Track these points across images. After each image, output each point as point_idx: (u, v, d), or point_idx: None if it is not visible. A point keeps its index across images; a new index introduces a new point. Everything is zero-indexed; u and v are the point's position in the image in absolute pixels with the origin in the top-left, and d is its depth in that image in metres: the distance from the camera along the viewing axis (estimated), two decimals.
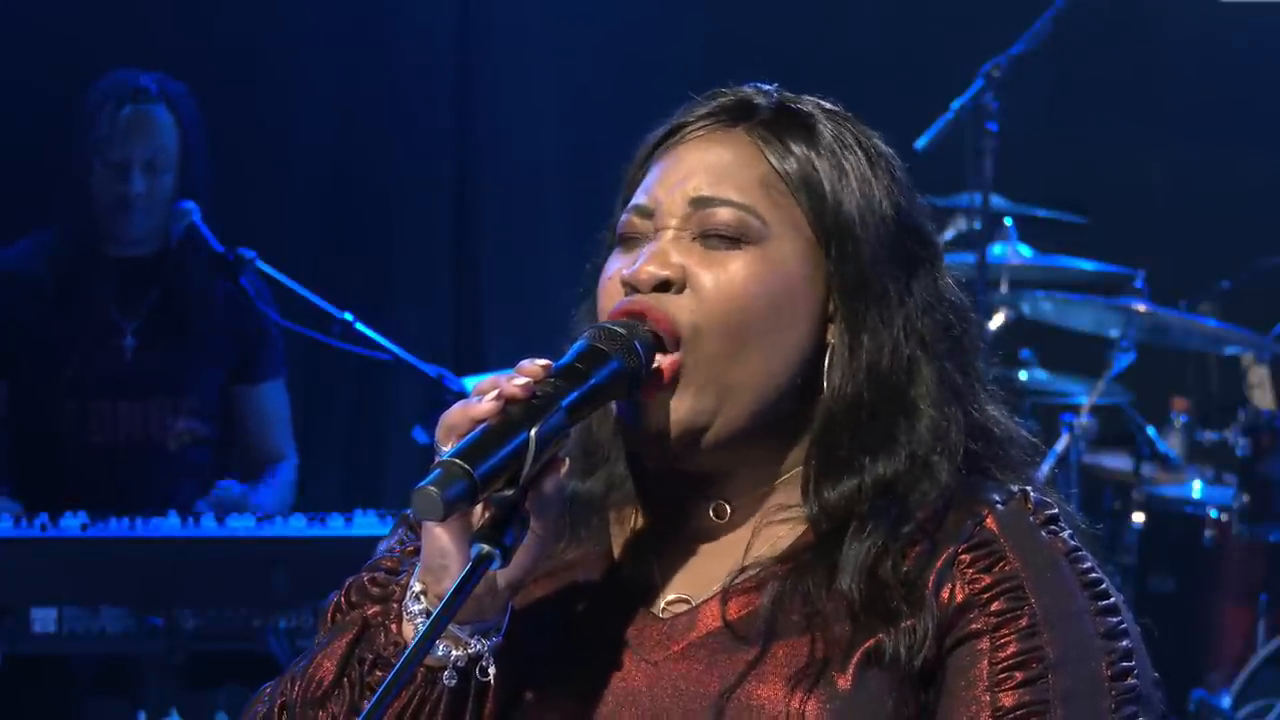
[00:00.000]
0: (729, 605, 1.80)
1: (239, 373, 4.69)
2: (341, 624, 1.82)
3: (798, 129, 1.85)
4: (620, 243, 1.86)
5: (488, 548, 1.65)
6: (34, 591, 4.08)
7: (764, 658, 1.76)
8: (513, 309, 6.16)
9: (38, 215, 4.73)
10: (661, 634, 1.81)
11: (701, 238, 1.82)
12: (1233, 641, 5.57)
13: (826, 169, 1.83)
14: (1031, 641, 1.74)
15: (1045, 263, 5.67)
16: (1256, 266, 6.02)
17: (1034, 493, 1.82)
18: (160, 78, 4.66)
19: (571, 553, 1.87)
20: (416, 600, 1.73)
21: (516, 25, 6.25)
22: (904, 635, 1.73)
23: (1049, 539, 1.79)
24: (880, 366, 1.81)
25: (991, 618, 1.75)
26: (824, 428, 1.81)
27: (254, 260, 4.36)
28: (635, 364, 1.77)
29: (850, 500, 1.79)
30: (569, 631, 1.83)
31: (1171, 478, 5.69)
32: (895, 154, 1.89)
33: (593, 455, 1.89)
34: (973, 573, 1.76)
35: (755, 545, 1.83)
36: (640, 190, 1.86)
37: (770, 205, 1.82)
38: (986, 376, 1.89)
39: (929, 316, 1.84)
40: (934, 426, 1.81)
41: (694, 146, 1.86)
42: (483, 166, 6.28)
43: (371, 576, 1.84)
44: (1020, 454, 1.87)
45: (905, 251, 1.85)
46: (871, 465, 1.80)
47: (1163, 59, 6.53)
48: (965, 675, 1.74)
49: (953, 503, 1.79)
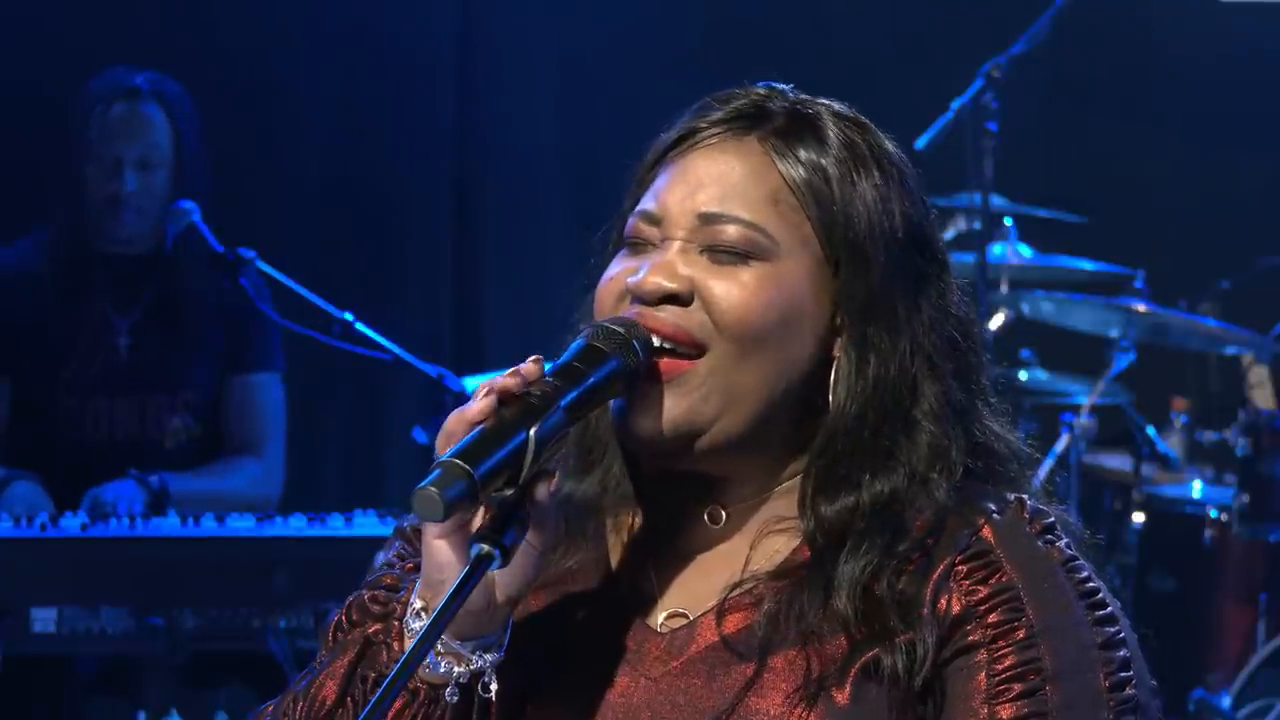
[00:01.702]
0: (725, 621, 1.79)
1: (230, 364, 4.69)
2: (343, 642, 1.82)
3: (810, 140, 1.83)
4: (626, 245, 1.85)
5: (487, 547, 1.65)
6: (34, 591, 4.08)
7: (763, 673, 1.75)
8: (513, 309, 6.16)
9: (36, 215, 4.73)
10: (660, 649, 1.80)
11: (709, 251, 1.80)
12: (1233, 641, 5.57)
13: (838, 184, 1.81)
14: (1029, 653, 1.73)
15: (1045, 263, 5.67)
16: (1256, 266, 6.02)
17: (1031, 502, 1.81)
18: (153, 76, 4.66)
19: (568, 560, 1.86)
20: (417, 617, 1.73)
21: (517, 25, 6.25)
22: (902, 652, 1.72)
23: (1045, 549, 1.78)
24: (886, 384, 1.80)
25: (989, 629, 1.74)
26: (825, 442, 1.80)
27: (254, 260, 4.36)
28: (634, 363, 1.76)
29: (847, 517, 1.78)
30: (568, 644, 1.83)
31: (1171, 478, 5.69)
32: (907, 160, 1.87)
33: (589, 455, 1.88)
34: (969, 584, 1.76)
35: (752, 558, 1.81)
36: (649, 194, 1.84)
37: (780, 221, 1.80)
38: (989, 390, 1.88)
39: (935, 333, 1.82)
40: (934, 445, 1.79)
41: (705, 155, 1.83)
42: (483, 166, 6.28)
43: (372, 594, 1.84)
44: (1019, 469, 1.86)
45: (914, 268, 1.83)
46: (870, 482, 1.79)
47: (1162, 59, 6.53)
48: (963, 687, 1.74)
49: (948, 517, 1.78)
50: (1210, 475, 5.72)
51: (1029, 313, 5.65)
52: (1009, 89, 5.18)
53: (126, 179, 4.56)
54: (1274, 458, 5.33)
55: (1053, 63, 5.80)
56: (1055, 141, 6.34)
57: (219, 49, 5.72)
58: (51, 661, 4.27)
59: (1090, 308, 5.65)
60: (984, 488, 1.81)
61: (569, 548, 1.86)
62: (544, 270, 6.09)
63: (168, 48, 5.41)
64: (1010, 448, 1.86)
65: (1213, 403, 6.07)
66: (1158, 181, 6.48)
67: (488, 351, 6.06)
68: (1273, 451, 5.33)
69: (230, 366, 4.70)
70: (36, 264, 4.62)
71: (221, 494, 4.51)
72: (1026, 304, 5.62)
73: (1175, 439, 5.81)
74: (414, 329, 5.71)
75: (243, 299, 4.43)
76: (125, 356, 4.60)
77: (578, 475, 1.88)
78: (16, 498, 4.36)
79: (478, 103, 6.23)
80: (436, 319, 6.18)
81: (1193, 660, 5.57)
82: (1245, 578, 5.57)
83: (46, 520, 4.14)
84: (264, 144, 5.87)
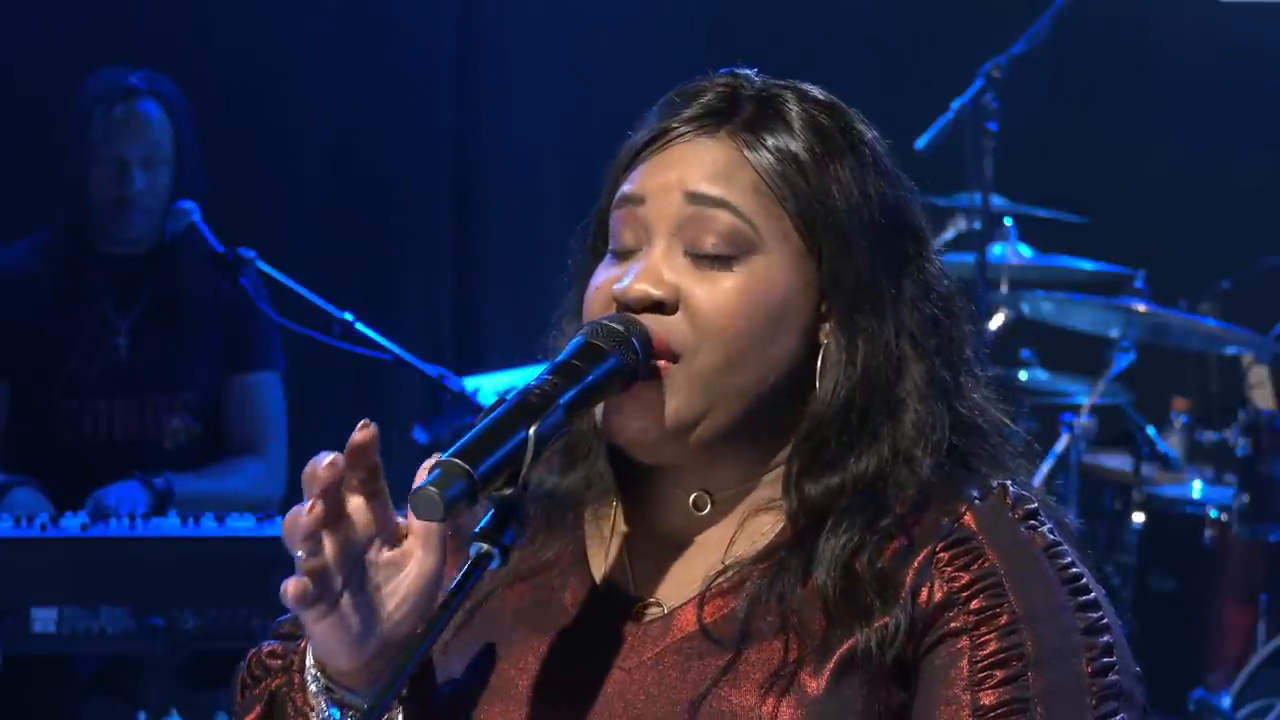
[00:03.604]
0: (705, 608, 1.79)
1: (230, 363, 4.69)
2: (249, 699, 1.83)
3: (780, 128, 1.82)
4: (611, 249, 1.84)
5: (487, 546, 1.64)
6: (34, 591, 4.08)
7: (737, 663, 1.74)
8: (513, 309, 6.15)
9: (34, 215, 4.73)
10: (636, 639, 1.80)
11: (693, 256, 1.79)
12: (1233, 641, 5.56)
13: (811, 170, 1.80)
14: (1011, 639, 1.73)
15: (1045, 263, 5.67)
16: (1256, 266, 6.02)
17: (1014, 487, 1.80)
18: (148, 75, 4.66)
19: (547, 551, 1.86)
20: (315, 680, 1.74)
21: (518, 25, 6.25)
22: (876, 632, 1.72)
23: (1028, 534, 1.78)
24: (873, 367, 1.80)
25: (971, 616, 1.74)
26: (811, 427, 1.80)
27: (254, 260, 4.35)
28: (633, 361, 1.76)
29: (831, 496, 1.78)
30: (543, 636, 1.82)
31: (1171, 478, 5.69)
32: (881, 139, 1.86)
33: (573, 450, 1.88)
34: (951, 570, 1.75)
35: (736, 543, 1.81)
36: (628, 181, 1.84)
37: (761, 212, 1.80)
38: (976, 366, 1.87)
39: (918, 312, 1.82)
40: (918, 422, 1.79)
41: (681, 149, 1.83)
42: (483, 166, 6.28)
43: (270, 649, 1.85)
44: (1007, 447, 1.85)
45: (895, 248, 1.83)
46: (855, 462, 1.79)
47: (1162, 59, 6.53)
48: (944, 674, 1.73)
49: (931, 499, 1.78)
50: (1210, 475, 5.72)
51: (1029, 313, 5.65)
52: (1009, 89, 5.18)
53: (134, 179, 4.56)
54: (1274, 458, 5.33)
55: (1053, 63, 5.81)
56: (1055, 141, 6.35)
57: (219, 49, 5.72)
58: (51, 661, 4.26)
59: (1090, 308, 5.65)
60: (967, 472, 1.81)
61: (548, 539, 1.87)
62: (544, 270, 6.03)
63: (167, 48, 5.41)
64: (996, 425, 1.85)
65: (1213, 403, 6.07)
66: (1158, 181, 6.49)
67: (488, 351, 6.06)
68: (1273, 451, 5.32)
69: (230, 366, 4.70)
70: (35, 265, 4.61)
71: (225, 494, 4.51)
72: (1026, 304, 5.62)
73: (1175, 439, 5.81)
74: (414, 329, 5.71)
75: (242, 299, 4.43)
76: (125, 357, 4.60)
77: (562, 469, 1.88)
78: (16, 504, 4.36)
79: (478, 103, 6.23)
80: (436, 319, 6.17)
81: (1193, 660, 5.57)
82: (1245, 578, 5.57)
83: (46, 520, 4.14)
84: (264, 144, 5.86)
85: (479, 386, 4.31)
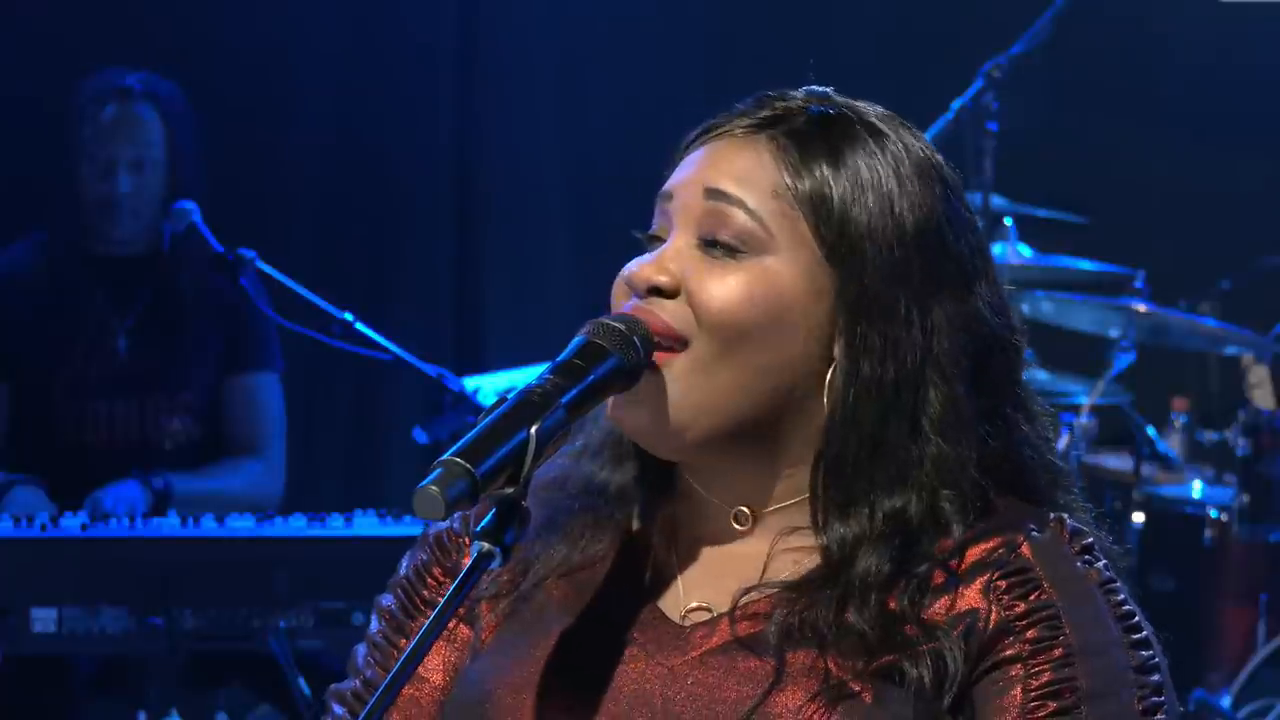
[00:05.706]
0: (739, 624, 1.79)
1: (229, 364, 4.69)
2: None
3: (820, 143, 1.81)
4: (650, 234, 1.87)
5: (488, 546, 1.65)
6: (34, 591, 4.07)
7: (783, 670, 1.74)
8: (513, 309, 6.15)
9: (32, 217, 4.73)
10: (680, 639, 1.80)
11: (704, 245, 1.81)
12: (1233, 641, 5.57)
13: (842, 184, 1.79)
14: (1066, 672, 1.73)
15: (1045, 263, 5.67)
16: (1256, 266, 6.01)
17: (1070, 521, 1.81)
18: (146, 76, 4.66)
19: (594, 546, 1.87)
20: None
21: (518, 25, 6.25)
22: (928, 665, 1.71)
23: (1084, 569, 1.78)
24: (882, 389, 1.77)
25: (1026, 645, 1.74)
26: (829, 449, 1.79)
27: (254, 260, 4.35)
28: (634, 359, 1.77)
29: (860, 532, 1.77)
30: (586, 628, 1.83)
31: (1171, 478, 5.69)
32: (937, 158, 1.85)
33: (621, 446, 1.88)
34: (1008, 599, 1.75)
35: (770, 565, 1.81)
36: (671, 174, 1.87)
37: (779, 216, 1.79)
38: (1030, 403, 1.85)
39: (948, 339, 1.79)
40: (941, 457, 1.77)
41: (715, 144, 1.85)
42: (484, 167, 6.28)
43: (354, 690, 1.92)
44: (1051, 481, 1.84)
45: (929, 271, 1.79)
46: (880, 497, 1.77)
47: (1162, 59, 6.53)
48: (998, 701, 1.73)
49: (985, 531, 1.77)
50: (1210, 475, 5.71)
51: (1029, 313, 5.64)
52: (1009, 89, 5.18)
53: (120, 181, 4.56)
54: (1274, 458, 5.33)
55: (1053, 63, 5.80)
56: (1055, 141, 6.34)
57: (219, 49, 5.71)
58: (51, 661, 4.27)
59: (1090, 308, 5.65)
60: (1023, 505, 1.81)
61: (595, 534, 1.87)
62: (544, 270, 6.09)
63: (167, 49, 5.41)
64: (1040, 459, 1.84)
65: (1213, 403, 6.07)
66: (1158, 181, 6.48)
67: (488, 351, 6.06)
68: (1273, 451, 5.33)
69: (229, 367, 4.70)
70: (33, 267, 4.61)
71: (225, 494, 4.51)
72: (1026, 304, 5.62)
73: (1175, 439, 5.81)
74: (414, 329, 5.70)
75: (242, 299, 4.43)
76: (124, 358, 4.60)
77: (612, 464, 1.89)
78: (18, 502, 4.36)
79: (478, 103, 6.23)
80: (436, 319, 6.17)
81: (1193, 660, 5.57)
82: (1245, 578, 5.57)
83: (46, 520, 4.13)
84: (264, 144, 5.86)
85: (479, 386, 4.31)
